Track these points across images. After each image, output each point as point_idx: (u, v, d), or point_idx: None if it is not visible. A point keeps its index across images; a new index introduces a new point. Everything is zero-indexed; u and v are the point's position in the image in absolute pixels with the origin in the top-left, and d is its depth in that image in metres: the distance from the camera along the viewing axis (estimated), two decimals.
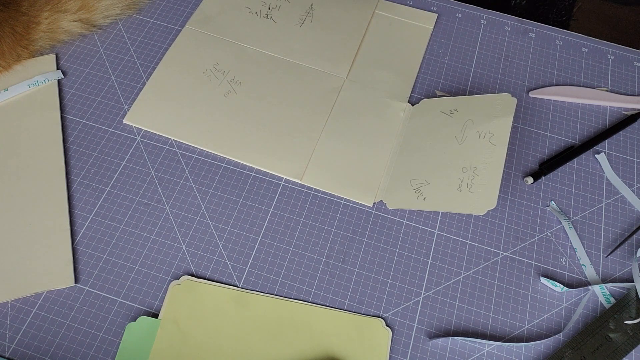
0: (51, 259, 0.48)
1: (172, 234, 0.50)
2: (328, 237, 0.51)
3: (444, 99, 0.57)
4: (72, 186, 0.52)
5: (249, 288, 0.48)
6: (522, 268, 0.50)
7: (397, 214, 0.52)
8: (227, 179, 0.53)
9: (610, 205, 0.54)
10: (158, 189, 0.53)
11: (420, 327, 0.47)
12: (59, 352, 0.45)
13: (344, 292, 0.48)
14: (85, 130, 0.56)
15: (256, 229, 0.51)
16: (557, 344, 0.47)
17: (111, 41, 0.62)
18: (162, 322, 0.46)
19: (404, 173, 0.53)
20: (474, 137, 0.52)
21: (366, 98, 0.59)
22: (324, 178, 0.54)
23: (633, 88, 0.62)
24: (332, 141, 0.56)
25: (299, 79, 0.59)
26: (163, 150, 0.55)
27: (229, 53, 0.61)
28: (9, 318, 0.46)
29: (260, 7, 0.65)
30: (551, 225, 0.53)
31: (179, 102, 0.57)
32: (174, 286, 0.47)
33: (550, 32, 0.66)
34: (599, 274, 0.50)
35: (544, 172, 0.55)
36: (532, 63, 0.63)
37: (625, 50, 0.65)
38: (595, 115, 0.60)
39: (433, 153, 0.53)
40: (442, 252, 0.51)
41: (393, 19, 0.65)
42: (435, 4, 0.67)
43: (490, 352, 0.46)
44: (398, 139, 0.56)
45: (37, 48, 0.60)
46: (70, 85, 0.58)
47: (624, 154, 0.57)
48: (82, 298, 0.47)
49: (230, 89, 0.58)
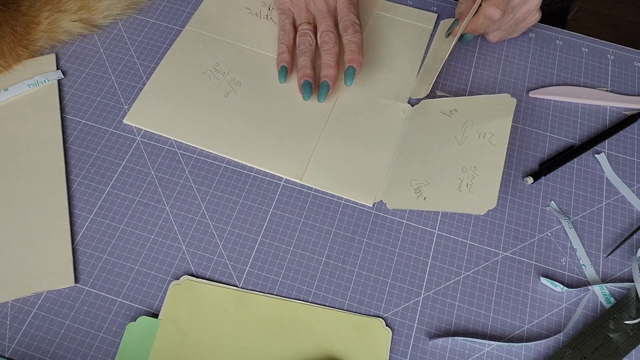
0: (51, 259, 0.48)
1: (172, 234, 0.50)
2: (328, 237, 0.51)
3: (443, 100, 0.57)
4: (72, 186, 0.52)
5: (249, 288, 0.48)
6: (522, 268, 0.50)
7: (397, 214, 0.52)
8: (227, 179, 0.53)
9: (610, 205, 0.54)
10: (158, 189, 0.53)
11: (420, 327, 0.47)
12: (59, 352, 0.45)
13: (344, 292, 0.48)
14: (85, 130, 0.56)
15: (256, 229, 0.51)
16: (557, 344, 0.47)
17: (111, 41, 0.62)
18: (162, 322, 0.46)
19: (404, 173, 0.53)
20: (473, 137, 0.52)
21: (366, 98, 0.59)
22: (324, 178, 0.54)
23: (633, 88, 0.62)
24: (332, 141, 0.56)
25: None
26: (163, 150, 0.55)
27: (229, 54, 0.61)
28: (9, 318, 0.46)
29: (260, 8, 0.65)
30: (551, 225, 0.53)
31: (179, 102, 0.57)
32: (174, 286, 0.47)
33: (550, 32, 0.66)
34: (599, 274, 0.50)
35: (544, 172, 0.55)
36: (532, 63, 0.63)
37: (625, 50, 0.65)
38: (595, 115, 0.60)
39: (433, 153, 0.53)
40: (442, 252, 0.51)
41: (393, 19, 0.65)
42: (435, 4, 0.67)
43: (490, 352, 0.46)
44: (398, 139, 0.56)
45: (37, 48, 0.60)
46: (70, 85, 0.58)
47: (624, 154, 0.57)
48: (82, 298, 0.47)
49: (230, 89, 0.58)
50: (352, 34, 0.57)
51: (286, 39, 0.59)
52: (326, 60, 0.57)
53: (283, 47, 0.59)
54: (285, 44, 0.59)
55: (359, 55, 0.56)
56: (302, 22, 0.59)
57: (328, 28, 0.58)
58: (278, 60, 0.59)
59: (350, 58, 0.56)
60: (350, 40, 0.57)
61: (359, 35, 0.57)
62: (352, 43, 0.57)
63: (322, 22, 0.59)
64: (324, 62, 0.57)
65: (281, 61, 0.58)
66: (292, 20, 0.61)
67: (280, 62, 0.59)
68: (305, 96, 0.57)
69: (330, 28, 0.58)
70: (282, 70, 0.58)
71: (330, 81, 0.56)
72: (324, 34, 0.58)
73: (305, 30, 0.59)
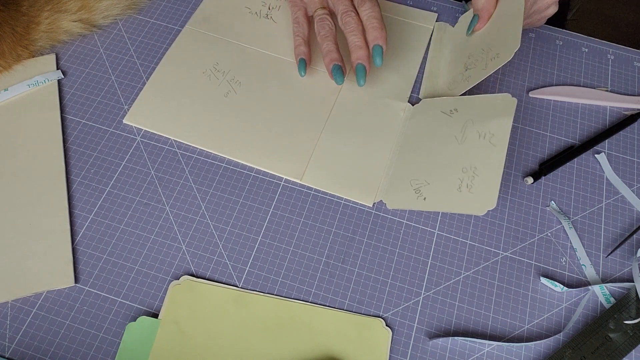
0: (51, 259, 0.48)
1: (172, 234, 0.50)
2: (328, 237, 0.51)
3: (444, 99, 0.57)
4: (72, 186, 0.52)
5: (249, 288, 0.48)
6: (522, 268, 0.50)
7: (397, 214, 0.52)
8: (227, 179, 0.53)
9: (610, 205, 0.54)
10: (158, 189, 0.53)
11: (420, 327, 0.47)
12: (59, 352, 0.45)
13: (344, 292, 0.49)
14: (85, 130, 0.56)
15: (256, 229, 0.51)
16: (557, 344, 0.47)
17: (111, 41, 0.62)
18: (162, 322, 0.46)
19: (404, 173, 0.53)
20: (474, 137, 0.52)
21: (366, 98, 0.59)
22: (324, 178, 0.54)
23: (633, 88, 0.62)
24: (332, 141, 0.56)
25: (298, 79, 0.59)
26: (163, 150, 0.55)
27: (229, 53, 0.61)
28: (9, 318, 0.46)
29: (260, 7, 0.65)
30: (551, 225, 0.53)
31: (179, 102, 0.57)
32: (174, 286, 0.47)
33: (550, 32, 0.66)
34: (599, 274, 0.50)
35: (544, 172, 0.55)
36: (532, 63, 0.63)
37: (625, 50, 0.65)
38: (595, 115, 0.60)
39: (433, 153, 0.53)
40: (442, 252, 0.51)
41: (393, 18, 0.65)
42: (435, 4, 0.67)
43: (490, 352, 0.46)
44: (398, 139, 0.56)
45: (37, 48, 0.60)
46: (70, 85, 0.58)
47: (624, 154, 0.57)
48: (82, 298, 0.47)
49: (230, 88, 0.58)
50: (369, 8, 0.55)
51: (301, 31, 0.58)
52: (354, 41, 0.55)
53: (299, 40, 0.58)
54: (301, 36, 0.58)
55: (383, 30, 0.54)
56: (317, 9, 0.58)
57: (347, 8, 0.56)
58: (296, 54, 0.58)
59: (375, 36, 0.54)
60: (370, 16, 0.55)
61: (377, 9, 0.55)
62: (372, 19, 0.54)
63: (339, 4, 0.56)
64: (353, 43, 0.55)
65: (299, 54, 0.57)
66: (304, 12, 0.59)
67: (298, 55, 0.57)
68: (338, 80, 0.55)
69: (349, 8, 0.56)
70: (301, 63, 0.57)
71: (365, 63, 0.55)
72: (345, 15, 0.56)
73: (323, 16, 0.57)
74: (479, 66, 0.56)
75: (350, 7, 0.56)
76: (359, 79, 0.55)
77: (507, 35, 0.54)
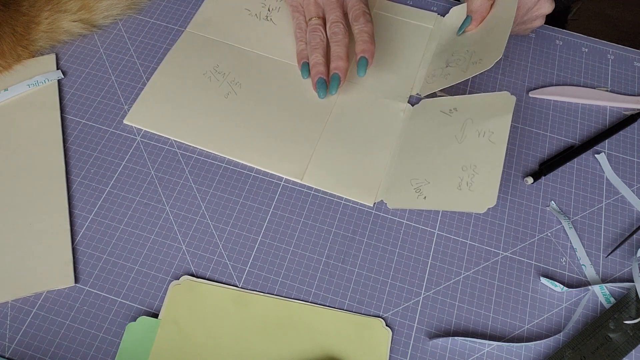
0: (51, 259, 0.48)
1: (172, 234, 0.50)
2: (328, 237, 0.51)
3: (443, 99, 0.57)
4: (72, 186, 0.52)
5: (249, 288, 0.48)
6: (522, 268, 0.50)
7: (397, 214, 0.52)
8: (227, 179, 0.53)
9: (610, 205, 0.54)
10: (158, 189, 0.53)
11: (420, 327, 0.47)
12: (59, 352, 0.45)
13: (344, 292, 0.48)
14: (85, 130, 0.56)
15: (256, 229, 0.51)
16: (557, 344, 0.47)
17: (111, 41, 0.62)
18: (162, 322, 0.46)
19: (404, 172, 0.53)
20: (473, 136, 0.52)
21: (366, 98, 0.59)
22: (325, 178, 0.54)
23: (633, 88, 0.62)
24: (332, 141, 0.56)
25: (299, 80, 0.59)
26: (163, 150, 0.55)
27: (229, 55, 0.61)
28: (9, 318, 0.46)
29: (260, 9, 0.65)
30: (551, 225, 0.53)
31: (179, 103, 0.57)
32: (174, 286, 0.47)
33: (550, 32, 0.66)
34: (599, 274, 0.50)
35: (544, 172, 0.55)
36: (532, 63, 0.63)
37: (625, 50, 0.65)
38: (595, 115, 0.60)
39: (433, 152, 0.53)
40: (442, 252, 0.51)
41: (393, 18, 0.65)
42: (435, 4, 0.67)
43: (490, 352, 0.46)
44: (398, 138, 0.56)
45: (37, 48, 0.60)
46: (70, 85, 0.58)
47: (624, 154, 0.57)
48: (82, 298, 0.47)
49: (231, 90, 0.58)
50: (363, 24, 0.56)
51: (303, 36, 0.60)
52: (336, 52, 0.56)
53: (302, 45, 0.59)
54: (303, 40, 0.59)
55: (371, 45, 0.56)
56: (311, 17, 0.59)
57: (337, 19, 0.57)
58: (299, 58, 0.59)
59: (363, 48, 0.56)
60: (361, 30, 0.56)
61: (370, 25, 0.57)
62: (363, 33, 0.56)
63: (330, 13, 0.58)
64: (334, 53, 0.56)
65: (302, 58, 0.59)
66: (305, 17, 0.61)
67: (301, 59, 0.59)
68: (320, 94, 0.57)
69: (339, 19, 0.57)
70: (304, 67, 0.58)
71: (341, 73, 0.56)
72: (333, 25, 0.57)
73: (315, 26, 0.58)
74: (459, 67, 0.57)
75: (340, 18, 0.57)
76: (331, 88, 0.56)
77: (493, 43, 0.55)
